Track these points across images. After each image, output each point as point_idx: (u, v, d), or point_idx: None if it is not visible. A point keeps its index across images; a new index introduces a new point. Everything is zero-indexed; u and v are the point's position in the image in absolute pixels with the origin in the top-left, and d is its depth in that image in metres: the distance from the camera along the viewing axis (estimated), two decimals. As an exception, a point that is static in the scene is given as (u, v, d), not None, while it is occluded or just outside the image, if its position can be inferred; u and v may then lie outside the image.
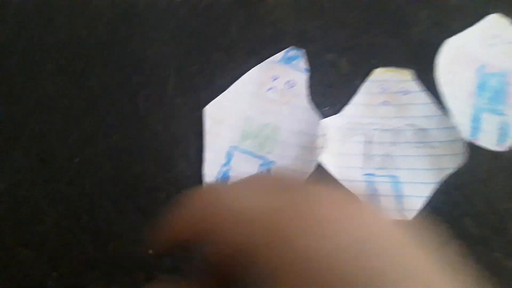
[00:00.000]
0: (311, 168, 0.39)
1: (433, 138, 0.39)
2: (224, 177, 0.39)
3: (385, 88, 0.42)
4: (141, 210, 0.39)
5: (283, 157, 0.40)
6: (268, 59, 0.43)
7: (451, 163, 0.39)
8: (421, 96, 0.41)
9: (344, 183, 0.38)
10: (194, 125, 0.41)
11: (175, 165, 0.40)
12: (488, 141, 0.39)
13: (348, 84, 0.42)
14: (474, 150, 0.39)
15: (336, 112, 0.41)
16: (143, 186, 0.39)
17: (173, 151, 0.40)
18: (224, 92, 0.41)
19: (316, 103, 0.42)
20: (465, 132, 0.39)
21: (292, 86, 0.42)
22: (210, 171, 0.39)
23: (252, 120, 0.41)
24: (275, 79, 0.42)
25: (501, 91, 0.41)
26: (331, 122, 0.40)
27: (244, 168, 0.39)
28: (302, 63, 0.42)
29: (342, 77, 0.42)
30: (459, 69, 0.41)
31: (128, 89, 0.42)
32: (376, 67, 0.42)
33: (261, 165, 0.40)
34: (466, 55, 0.42)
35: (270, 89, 0.42)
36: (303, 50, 0.43)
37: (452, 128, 0.39)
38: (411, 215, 0.38)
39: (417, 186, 0.38)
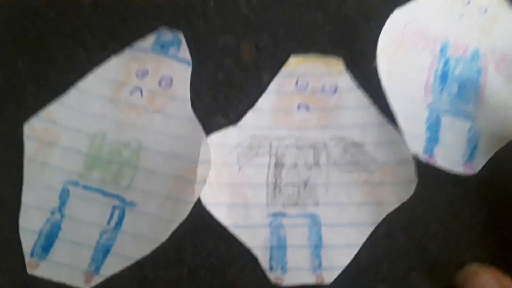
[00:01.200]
0: (185, 213, 0.25)
1: (370, 157, 0.27)
2: (54, 230, 0.25)
3: (303, 84, 0.29)
4: None
5: (148, 196, 0.26)
6: (132, 46, 0.29)
7: (396, 196, 0.26)
8: (354, 96, 0.28)
9: (238, 233, 0.25)
10: (10, 150, 0.26)
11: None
12: (450, 159, 0.27)
13: (252, 80, 0.29)
14: (428, 174, 0.26)
15: (233, 122, 0.28)
16: None
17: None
18: (59, 99, 0.27)
19: (204, 110, 0.28)
20: (417, 147, 0.27)
21: (168, 86, 0.28)
22: (31, 222, 0.25)
23: (104, 139, 0.27)
24: (142, 76, 0.28)
25: (471, 83, 0.29)
26: (223, 139, 0.27)
27: (86, 213, 0.25)
28: (183, 51, 0.29)
29: (243, 70, 0.29)
30: (409, 53, 0.29)
31: None
32: (291, 54, 0.30)
33: (113, 207, 0.26)
34: (421, 32, 0.29)
35: (134, 90, 0.28)
36: (183, 32, 0.29)
37: (398, 142, 0.27)
38: (331, 276, 0.25)
39: (345, 231, 0.26)
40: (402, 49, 0.29)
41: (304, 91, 0.28)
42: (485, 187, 0.26)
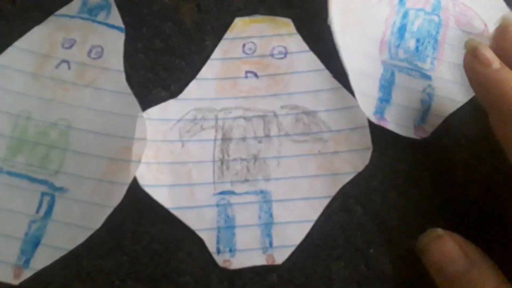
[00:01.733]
0: (120, 196, 0.23)
1: (323, 126, 0.25)
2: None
3: (251, 49, 0.26)
4: None
5: (80, 180, 0.23)
6: (55, 14, 0.26)
7: (351, 166, 0.24)
8: (306, 59, 0.26)
9: (182, 215, 0.23)
10: None
11: None
12: (401, 121, 0.24)
13: (194, 46, 0.26)
14: (383, 140, 0.24)
15: (174, 94, 0.25)
16: None
17: None
18: (-25, 76, 0.24)
19: (141, 82, 0.25)
20: (368, 108, 0.24)
21: (99, 56, 0.25)
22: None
23: (28, 120, 0.24)
24: (69, 46, 0.25)
25: (429, 38, 0.26)
26: (163, 113, 0.25)
27: (12, 202, 0.23)
28: (113, 17, 0.26)
29: (183, 36, 0.26)
30: (366, 4, 0.26)
31: None
32: (236, 16, 0.27)
33: (42, 194, 0.23)
34: None
35: (61, 63, 0.25)
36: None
37: (353, 108, 0.25)
38: (283, 255, 0.23)
39: (298, 206, 0.24)
40: (357, 0, 0.26)
41: (252, 56, 0.26)
42: (445, 152, 0.25)
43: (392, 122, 0.24)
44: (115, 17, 0.26)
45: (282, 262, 0.23)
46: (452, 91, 0.25)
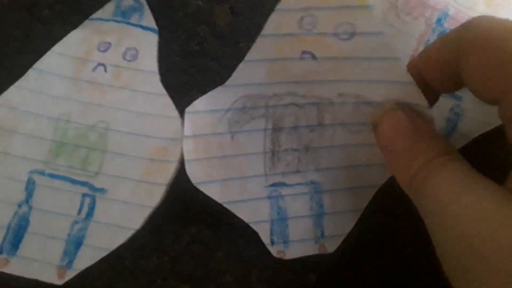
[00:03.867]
0: (158, 197, 0.23)
1: None
2: (22, 224, 0.23)
3: (310, 24, 0.21)
4: None
5: (119, 181, 0.24)
6: (90, 18, 0.26)
7: None
8: (376, 44, 0.21)
9: (234, 210, 0.23)
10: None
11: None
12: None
13: (230, 49, 0.26)
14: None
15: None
16: None
17: None
18: (17, 82, 0.25)
19: (176, 84, 0.26)
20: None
21: (134, 58, 0.26)
22: (-4, 218, 0.23)
23: (67, 123, 0.25)
24: (105, 49, 0.26)
25: None
26: (210, 104, 0.23)
27: (55, 203, 0.23)
28: (146, 19, 0.26)
29: (219, 37, 0.26)
30: (401, 18, 0.25)
31: None
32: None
33: (83, 195, 0.24)
34: None
35: (97, 66, 0.25)
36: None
37: (421, 106, 0.21)
38: (334, 244, 0.23)
39: (347, 196, 0.23)
40: (393, 11, 0.26)
41: (311, 33, 0.21)
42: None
43: None
44: (148, 19, 0.26)
45: (333, 251, 0.23)
46: (482, 113, 0.24)
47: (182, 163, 0.23)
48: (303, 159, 0.23)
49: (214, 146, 0.23)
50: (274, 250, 0.23)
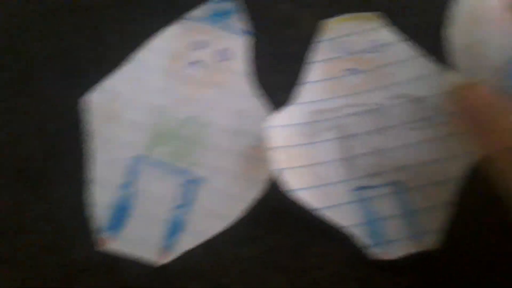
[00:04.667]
0: (256, 192, 0.25)
1: (437, 109, 0.26)
2: (125, 206, 0.24)
3: (346, 47, 0.28)
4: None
5: (218, 172, 0.25)
6: (187, 16, 0.28)
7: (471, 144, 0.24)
8: (402, 49, 0.27)
9: (326, 215, 0.24)
10: (73, 126, 0.25)
11: (48, 190, 0.24)
12: None
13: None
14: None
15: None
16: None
17: (43, 166, 0.25)
18: (118, 71, 0.26)
19: (266, 85, 0.27)
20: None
21: (226, 58, 0.27)
22: (101, 198, 0.24)
23: (166, 113, 0.26)
24: (198, 48, 0.27)
25: None
26: (284, 119, 0.26)
27: (155, 188, 0.25)
28: (240, 22, 0.28)
29: (305, 40, 0.28)
30: (492, 31, 0.26)
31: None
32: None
33: (184, 183, 0.25)
34: None
35: (191, 63, 0.27)
36: (239, 2, 0.28)
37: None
38: (432, 240, 0.24)
39: (433, 191, 0.24)
40: (481, 23, 0.26)
41: (349, 54, 0.28)
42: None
43: None
44: (243, 21, 0.28)
45: (432, 247, 0.23)
46: None
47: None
48: (377, 161, 0.25)
49: (295, 156, 0.25)
50: (372, 252, 0.24)
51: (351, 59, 0.27)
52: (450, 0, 0.27)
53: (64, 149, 0.25)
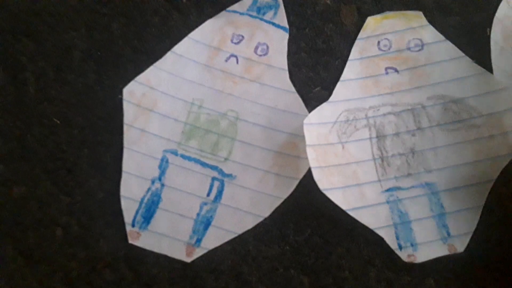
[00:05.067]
0: (290, 189, 0.24)
1: (474, 112, 0.25)
2: (154, 200, 0.24)
3: (386, 45, 0.26)
4: (23, 254, 0.24)
5: (248, 169, 0.25)
6: (227, 9, 0.27)
7: (509, 147, 0.24)
8: (444, 49, 0.26)
9: (357, 216, 0.24)
10: (109, 116, 0.26)
11: (79, 181, 0.25)
12: None
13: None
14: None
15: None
16: (24, 221, 0.24)
17: (76, 157, 0.25)
18: (156, 63, 0.26)
19: (303, 80, 0.26)
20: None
21: (265, 53, 0.27)
22: (132, 191, 0.24)
23: (200, 108, 0.26)
24: (238, 41, 0.27)
25: None
26: (319, 117, 0.25)
27: (185, 183, 0.25)
28: (280, 16, 0.27)
29: (345, 36, 0.27)
30: None
31: (10, 62, 0.27)
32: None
33: (213, 179, 0.25)
34: None
35: (230, 57, 0.27)
36: (283, -5, 0.27)
37: (501, 91, 0.25)
38: (463, 243, 0.23)
39: (464, 193, 0.24)
40: None
41: (389, 52, 0.26)
42: None
43: None
44: (282, 17, 0.27)
45: (463, 250, 0.23)
46: None
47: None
48: (412, 162, 0.25)
49: (330, 155, 0.25)
50: (403, 255, 0.23)
51: (391, 58, 0.26)
52: (494, 2, 0.26)
53: (99, 141, 0.25)
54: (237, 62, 0.26)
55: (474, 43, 0.26)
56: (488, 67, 0.26)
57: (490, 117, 0.25)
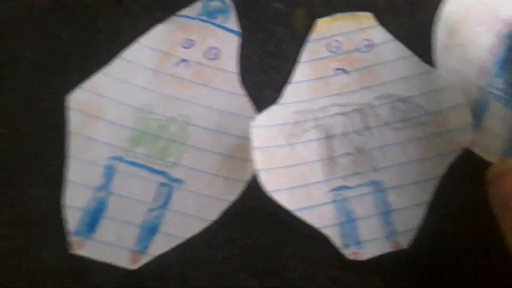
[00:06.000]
0: (237, 192, 0.24)
1: (421, 110, 0.25)
2: (99, 208, 0.24)
3: (336, 47, 0.26)
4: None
5: (196, 174, 0.24)
6: (177, 13, 0.27)
7: (455, 143, 0.24)
8: (393, 48, 0.26)
9: (304, 216, 0.23)
10: (56, 124, 0.25)
11: (22, 191, 0.24)
12: (487, 147, 0.24)
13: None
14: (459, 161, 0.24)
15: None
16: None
17: (20, 167, 0.25)
18: (103, 69, 0.26)
19: (254, 84, 0.26)
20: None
21: (216, 57, 0.26)
22: (76, 200, 0.24)
23: (149, 113, 0.25)
24: (188, 46, 0.27)
25: None
26: (268, 120, 0.25)
27: (133, 190, 0.24)
28: (231, 20, 0.27)
29: (296, 39, 0.27)
30: (472, 31, 0.26)
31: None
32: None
33: (161, 184, 0.24)
34: (490, 12, 0.26)
35: (180, 61, 0.26)
36: (232, 1, 0.27)
37: (448, 88, 0.25)
38: (407, 239, 0.23)
39: (411, 191, 0.24)
40: (465, 25, 0.26)
41: (338, 54, 0.26)
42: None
43: (479, 147, 0.24)
44: (233, 21, 0.27)
45: (407, 246, 0.23)
46: None
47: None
48: (359, 161, 0.25)
49: (278, 157, 0.24)
50: (348, 252, 0.23)
51: (340, 59, 0.26)
52: (440, 2, 0.27)
53: (44, 150, 0.25)
54: (188, 67, 0.26)
55: (423, 42, 0.26)
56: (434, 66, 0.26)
57: (436, 114, 0.25)
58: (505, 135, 0.24)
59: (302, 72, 0.26)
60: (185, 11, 0.27)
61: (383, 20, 0.27)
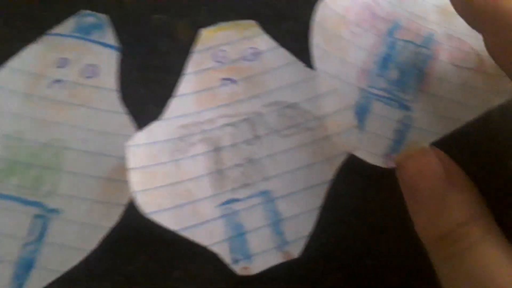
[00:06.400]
0: (115, 217, 0.23)
1: (308, 114, 0.25)
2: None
3: (221, 57, 0.26)
4: None
5: (74, 201, 0.23)
6: (51, 31, 0.25)
7: (341, 147, 0.24)
8: (278, 55, 0.26)
9: (190, 235, 0.22)
10: None
11: None
12: (371, 149, 0.24)
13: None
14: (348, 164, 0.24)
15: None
16: None
17: None
18: (-33, 96, 0.24)
19: (136, 100, 0.25)
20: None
21: (94, 75, 0.25)
22: None
23: (19, 141, 0.24)
24: (63, 65, 0.25)
25: (415, 70, 0.26)
26: (149, 137, 0.24)
27: (4, 226, 0.22)
28: (108, 36, 0.26)
29: (180, 51, 0.26)
30: (351, 32, 0.26)
31: None
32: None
33: (35, 216, 0.23)
34: (368, 10, 0.26)
35: (53, 82, 0.25)
36: (110, 14, 0.26)
37: (333, 93, 0.25)
38: (298, 248, 0.23)
39: (300, 197, 0.24)
40: (342, 28, 0.26)
41: (225, 63, 0.26)
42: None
43: (362, 149, 0.24)
44: (110, 36, 0.26)
45: (298, 255, 0.23)
46: (432, 123, 0.25)
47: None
48: (249, 172, 0.24)
49: (160, 175, 0.23)
50: (237, 268, 0.22)
51: (226, 69, 0.26)
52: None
53: None
54: (62, 87, 0.25)
55: (308, 47, 0.26)
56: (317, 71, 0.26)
57: (323, 119, 0.25)
58: (388, 135, 0.25)
59: (187, 84, 0.25)
60: (57, 29, 0.25)
61: (268, 27, 0.27)
